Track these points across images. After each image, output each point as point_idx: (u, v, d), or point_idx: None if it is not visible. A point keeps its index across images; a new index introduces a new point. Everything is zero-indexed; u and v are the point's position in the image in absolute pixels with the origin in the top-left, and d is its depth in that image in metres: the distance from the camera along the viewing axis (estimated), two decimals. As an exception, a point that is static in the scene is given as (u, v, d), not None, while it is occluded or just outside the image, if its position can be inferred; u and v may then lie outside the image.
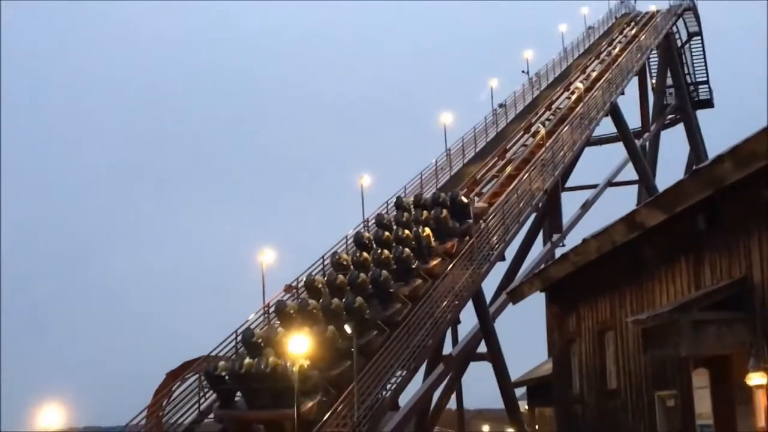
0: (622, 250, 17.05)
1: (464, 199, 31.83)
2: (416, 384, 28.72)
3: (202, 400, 24.56)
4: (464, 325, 33.51)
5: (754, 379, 12.42)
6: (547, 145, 37.31)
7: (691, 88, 57.90)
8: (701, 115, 57.63)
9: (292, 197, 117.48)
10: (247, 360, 23.00)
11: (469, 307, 30.72)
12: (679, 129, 55.97)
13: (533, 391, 33.10)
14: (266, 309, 27.44)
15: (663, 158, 52.00)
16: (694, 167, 14.30)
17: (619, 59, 46.87)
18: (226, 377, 23.39)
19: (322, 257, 30.01)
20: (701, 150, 53.88)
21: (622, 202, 38.18)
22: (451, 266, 28.68)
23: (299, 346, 21.21)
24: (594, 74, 46.78)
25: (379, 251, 27.92)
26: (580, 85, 44.19)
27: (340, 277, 26.92)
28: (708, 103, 58.69)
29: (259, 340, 24.24)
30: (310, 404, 22.14)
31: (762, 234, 12.60)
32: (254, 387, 22.71)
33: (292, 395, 21.16)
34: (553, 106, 44.91)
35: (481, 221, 31.25)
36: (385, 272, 26.24)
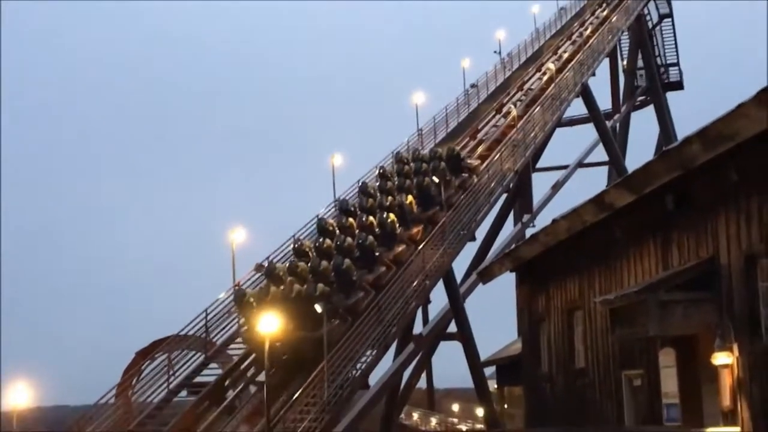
0: (591, 230, 17.16)
1: (460, 153, 33.43)
2: (386, 363, 28.84)
3: (171, 379, 24.51)
4: (434, 305, 33.66)
5: (720, 358, 12.57)
6: (519, 125, 37.38)
7: (662, 69, 58.13)
8: (671, 96, 57.91)
9: (265, 176, 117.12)
10: (273, 288, 24.64)
11: (440, 286, 30.82)
12: (650, 110, 56.23)
13: (502, 371, 33.27)
14: (237, 288, 27.34)
15: (633, 140, 52.28)
16: (663, 149, 14.38)
17: (591, 40, 46.93)
18: (254, 303, 24.29)
19: (293, 236, 29.92)
20: (671, 131, 54.17)
21: (592, 183, 38.39)
22: (422, 245, 28.74)
23: (269, 326, 21.21)
24: (565, 55, 46.82)
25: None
26: (552, 66, 44.24)
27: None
28: (678, 85, 58.97)
29: (281, 273, 25.55)
30: (330, 326, 23.44)
31: (729, 215, 12.72)
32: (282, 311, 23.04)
33: (313, 319, 22.97)
34: (525, 87, 44.94)
35: (474, 176, 32.43)
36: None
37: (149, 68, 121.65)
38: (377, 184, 32.38)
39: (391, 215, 28.39)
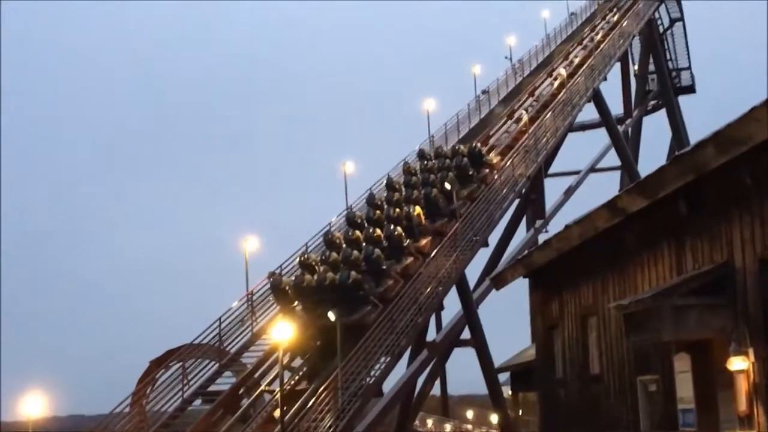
0: (604, 235, 17.11)
1: (482, 150, 34.82)
2: (400, 370, 28.83)
3: (186, 387, 24.57)
4: (448, 312, 33.65)
5: (735, 363, 12.50)
6: (530, 131, 37.37)
7: (673, 73, 58.06)
8: (683, 100, 57.85)
9: (276, 183, 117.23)
10: (308, 276, 25.89)
11: (453, 293, 30.82)
12: (662, 115, 56.18)
13: (516, 377, 33.26)
14: (249, 296, 27.44)
15: (645, 144, 52.22)
16: (676, 153, 14.34)
17: (602, 45, 46.92)
18: (289, 291, 26.04)
19: (306, 245, 30.00)
20: (683, 136, 54.07)
21: (604, 188, 38.33)
22: (431, 257, 28.72)
23: (283, 333, 21.29)
24: (576, 60, 46.83)
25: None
26: (563, 72, 44.23)
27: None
28: (690, 89, 58.88)
29: (313, 263, 27.03)
30: (359, 314, 25.21)
31: (743, 219, 12.67)
32: (313, 298, 25.35)
33: (346, 304, 24.74)
34: (536, 92, 44.94)
35: (495, 172, 33.45)
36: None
37: (154, 69, 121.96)
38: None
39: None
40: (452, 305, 32.49)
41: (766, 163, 11.96)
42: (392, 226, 28.21)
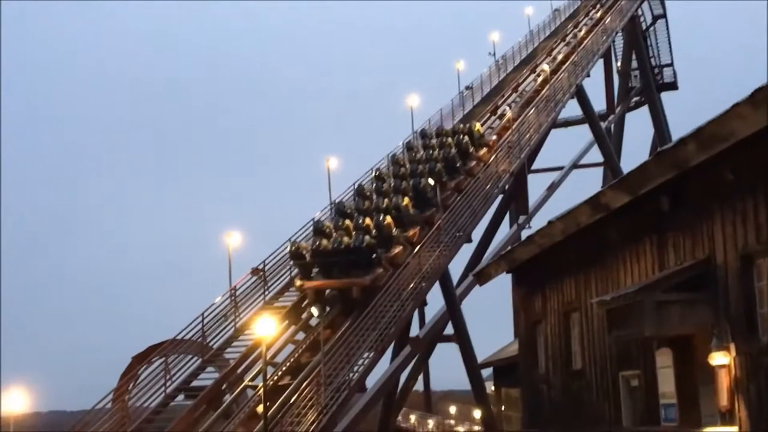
0: (587, 231, 17.16)
1: (480, 130, 36.34)
2: (383, 365, 28.84)
3: (168, 383, 24.49)
4: (431, 307, 33.69)
5: (717, 359, 12.57)
6: (514, 127, 37.44)
7: (656, 70, 58.26)
8: (666, 97, 58.09)
9: (259, 177, 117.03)
10: (324, 241, 27.27)
11: (436, 288, 30.84)
12: (644, 111, 56.38)
13: (500, 372, 33.32)
14: (233, 291, 27.38)
15: (628, 140, 52.39)
16: (658, 149, 14.39)
17: (585, 42, 47.02)
18: (306, 254, 27.47)
19: (290, 239, 29.94)
20: (665, 132, 54.28)
21: (587, 184, 38.47)
22: (419, 247, 28.75)
23: (266, 329, 21.29)
24: (560, 57, 46.92)
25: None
26: (546, 68, 44.30)
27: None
28: (672, 86, 59.10)
29: (327, 229, 28.28)
30: (372, 275, 26.68)
31: (725, 215, 12.73)
32: (330, 261, 26.87)
33: (359, 267, 26.58)
34: (520, 89, 45.00)
35: (482, 164, 34.48)
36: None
37: (147, 69, 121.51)
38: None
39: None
40: (435, 301, 32.56)
41: (748, 159, 12.02)
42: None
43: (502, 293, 25.89)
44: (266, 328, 21.30)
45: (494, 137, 36.85)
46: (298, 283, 27.75)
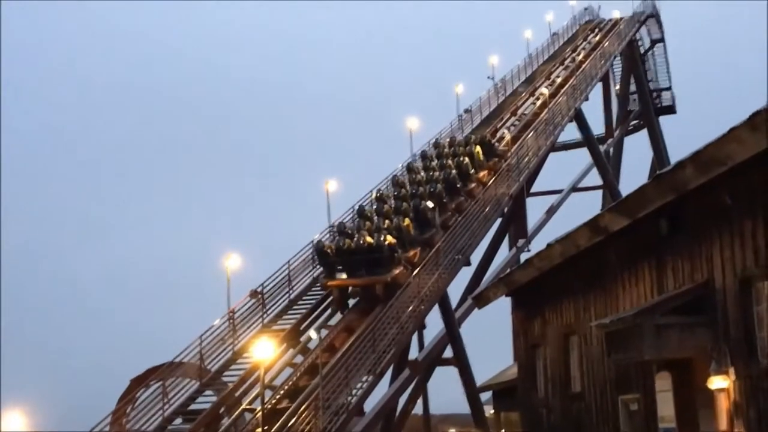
0: (586, 254, 17.16)
1: (491, 140, 37.68)
2: (382, 389, 28.72)
3: (166, 406, 24.39)
4: (430, 330, 33.56)
5: (716, 382, 12.55)
6: (512, 150, 37.51)
7: (654, 94, 58.45)
8: (664, 120, 58.24)
9: (259, 200, 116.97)
10: (347, 240, 28.58)
11: (435, 311, 30.79)
12: (643, 134, 56.51)
13: (499, 396, 33.19)
14: (231, 314, 27.34)
15: (627, 164, 52.44)
16: (656, 172, 14.41)
17: (584, 65, 47.19)
18: (331, 253, 28.53)
19: (288, 262, 29.94)
20: (664, 155, 54.39)
21: (586, 207, 38.44)
22: (419, 268, 28.73)
23: (264, 352, 21.28)
24: (558, 80, 47.07)
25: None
26: (545, 91, 44.43)
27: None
28: (671, 109, 59.29)
29: (349, 230, 29.95)
30: (395, 272, 27.93)
31: (723, 239, 12.74)
32: (354, 259, 28.06)
33: (382, 265, 27.86)
34: (518, 112, 45.12)
35: (503, 161, 35.89)
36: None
37: (148, 94, 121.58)
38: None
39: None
40: (434, 324, 32.48)
41: (746, 183, 12.05)
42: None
43: (501, 316, 25.84)
44: (264, 351, 21.28)
45: (506, 147, 37.55)
46: (323, 281, 28.90)
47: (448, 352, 33.19)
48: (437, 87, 58.86)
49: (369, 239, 28.44)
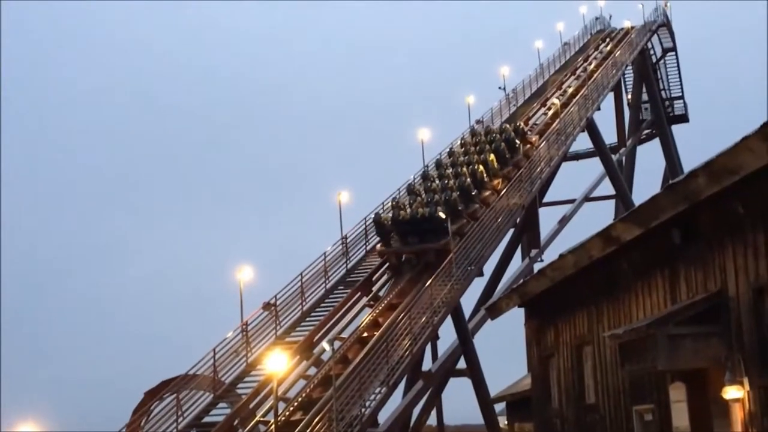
0: (598, 264, 17.13)
1: (525, 128, 40.86)
2: (396, 400, 28.69)
3: (180, 419, 24.44)
4: (443, 341, 33.53)
5: (730, 392, 12.49)
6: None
7: (666, 103, 58.38)
8: (676, 129, 58.12)
9: (271, 212, 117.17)
10: (402, 212, 31.85)
11: (448, 322, 30.77)
12: (655, 144, 56.44)
13: (513, 407, 33.06)
14: (244, 327, 27.38)
15: (639, 173, 52.35)
16: (669, 182, 14.39)
17: (595, 75, 47.20)
18: (387, 223, 31.94)
19: (301, 274, 29.99)
20: (677, 164, 54.28)
21: (599, 216, 38.35)
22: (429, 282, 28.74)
23: (277, 364, 21.31)
24: (570, 90, 47.07)
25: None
26: (557, 101, 44.44)
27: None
28: (683, 118, 59.18)
29: (401, 204, 32.98)
30: (444, 241, 30.77)
31: (736, 248, 12.70)
32: (408, 229, 31.42)
33: (434, 234, 30.98)
34: (530, 122, 45.12)
35: (533, 151, 38.48)
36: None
37: (157, 97, 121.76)
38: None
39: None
40: (448, 335, 32.44)
41: (759, 192, 12.02)
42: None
43: (514, 327, 25.80)
44: (278, 363, 21.31)
45: (536, 137, 39.99)
46: (379, 248, 32.25)
47: (462, 363, 33.16)
48: (448, 98, 58.84)
49: (422, 210, 31.67)
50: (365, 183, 50.44)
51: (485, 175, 34.87)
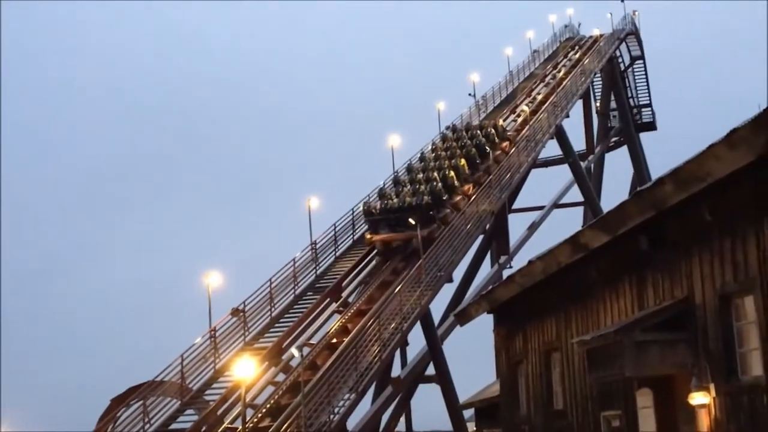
0: (567, 271, 17.18)
1: (504, 126, 42.08)
2: (365, 407, 28.63)
3: (147, 426, 24.23)
4: (412, 347, 33.56)
5: (697, 398, 12.56)
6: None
7: (634, 111, 58.84)
8: (644, 137, 58.60)
9: (240, 217, 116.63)
10: (390, 201, 33.82)
11: (417, 328, 30.76)
12: (623, 151, 56.84)
13: (481, 413, 33.00)
14: (213, 332, 27.22)
15: (608, 180, 52.72)
16: (637, 189, 14.45)
17: (564, 83, 47.46)
18: (375, 212, 33.71)
19: (270, 280, 29.87)
20: (645, 172, 54.70)
21: (568, 223, 38.58)
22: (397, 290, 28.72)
23: (246, 370, 21.19)
24: (539, 97, 47.31)
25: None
26: (526, 108, 44.64)
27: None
28: (651, 126, 59.67)
29: (388, 194, 34.85)
30: (429, 229, 32.29)
31: (702, 255, 12.78)
32: (396, 217, 33.11)
33: (420, 223, 32.07)
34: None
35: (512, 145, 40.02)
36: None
37: (127, 100, 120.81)
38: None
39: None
40: (417, 341, 32.45)
41: (725, 199, 12.10)
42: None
43: (483, 333, 25.85)
44: (246, 369, 21.19)
45: (514, 132, 41.15)
46: (368, 236, 33.54)
47: (431, 369, 33.16)
48: (419, 104, 58.94)
49: (409, 199, 33.54)
50: (335, 189, 50.37)
51: (455, 180, 35.11)
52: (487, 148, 38.33)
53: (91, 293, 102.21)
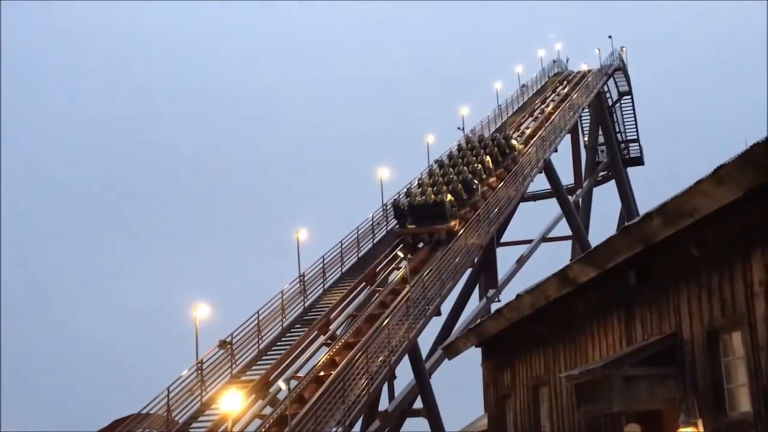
0: (555, 305, 17.19)
1: (511, 137, 44.64)
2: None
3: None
4: (400, 381, 33.43)
5: (685, 434, 12.54)
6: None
7: (622, 145, 59.24)
8: (632, 172, 58.95)
9: (228, 249, 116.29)
10: (417, 198, 37.11)
11: (405, 362, 30.67)
12: (611, 185, 57.12)
13: (469, 447, 33.00)
14: (199, 365, 27.07)
15: (596, 214, 52.94)
16: (625, 224, 14.51)
17: (552, 117, 47.76)
18: (404, 208, 37.04)
19: (257, 312, 29.78)
20: (632, 206, 54.97)
21: (556, 257, 38.68)
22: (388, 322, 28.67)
23: (233, 403, 21.08)
24: (528, 131, 47.56)
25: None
26: (515, 142, 44.83)
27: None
28: (638, 161, 60.06)
29: (413, 194, 38.03)
30: (453, 222, 36.14)
31: (690, 290, 12.82)
32: (422, 212, 36.50)
33: (445, 217, 36.10)
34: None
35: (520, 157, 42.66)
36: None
37: (116, 134, 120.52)
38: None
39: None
40: (404, 374, 32.33)
41: (713, 235, 12.16)
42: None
43: (471, 367, 25.80)
44: (233, 402, 21.07)
45: (522, 145, 44.10)
46: (397, 229, 37.01)
47: (419, 403, 33.02)
48: (408, 137, 59.18)
49: (434, 197, 36.71)
50: (324, 221, 50.40)
51: (483, 172, 39.65)
52: (475, 182, 38.56)
53: (78, 325, 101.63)
